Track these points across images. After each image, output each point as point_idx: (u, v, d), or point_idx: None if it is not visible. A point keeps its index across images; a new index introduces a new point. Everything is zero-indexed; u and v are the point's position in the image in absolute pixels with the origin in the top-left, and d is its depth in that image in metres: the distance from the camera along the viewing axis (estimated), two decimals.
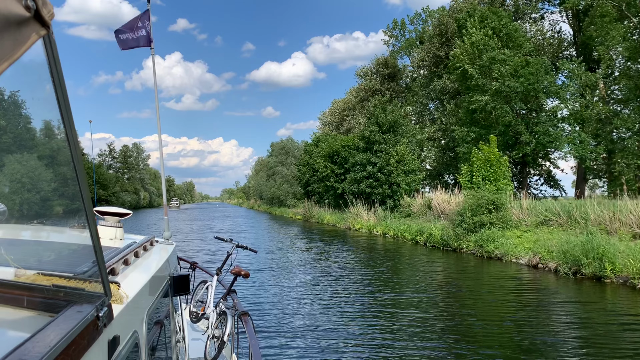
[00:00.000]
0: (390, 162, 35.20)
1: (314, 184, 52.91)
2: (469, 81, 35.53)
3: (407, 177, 35.26)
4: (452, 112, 44.41)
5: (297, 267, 18.02)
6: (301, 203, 75.52)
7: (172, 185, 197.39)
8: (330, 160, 47.09)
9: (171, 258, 3.54)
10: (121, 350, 1.71)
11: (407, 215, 33.29)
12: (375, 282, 14.52)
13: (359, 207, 36.03)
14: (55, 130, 1.40)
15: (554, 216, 19.89)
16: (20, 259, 1.76)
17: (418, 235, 24.36)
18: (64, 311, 1.33)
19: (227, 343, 5.05)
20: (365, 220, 34.43)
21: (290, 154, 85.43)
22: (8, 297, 1.42)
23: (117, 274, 2.10)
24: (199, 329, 6.31)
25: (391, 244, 25.66)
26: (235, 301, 5.39)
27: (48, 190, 2.45)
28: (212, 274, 6.46)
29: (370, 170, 35.49)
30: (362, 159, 36.20)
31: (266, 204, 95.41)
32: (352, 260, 19.84)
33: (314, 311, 10.92)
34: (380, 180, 35.45)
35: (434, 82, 47.40)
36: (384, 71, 70.21)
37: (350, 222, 36.03)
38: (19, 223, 2.57)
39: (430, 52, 48.03)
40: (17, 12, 0.86)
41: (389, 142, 35.98)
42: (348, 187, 38.43)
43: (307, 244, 26.34)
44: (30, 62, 1.01)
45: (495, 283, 14.31)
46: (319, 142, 54.73)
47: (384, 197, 35.47)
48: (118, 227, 3.17)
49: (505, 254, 17.65)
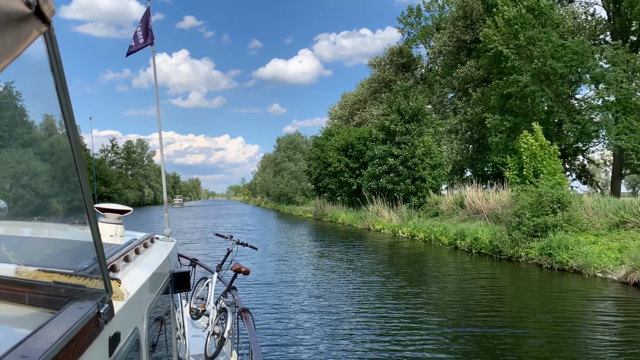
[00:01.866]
0: (415, 154, 31.42)
1: (326, 180, 49.19)
2: (503, 64, 31.66)
3: (434, 172, 31.48)
4: (478, 101, 40.55)
5: (311, 273, 14.41)
6: (310, 200, 71.90)
7: (177, 182, 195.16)
8: (344, 153, 43.36)
9: (171, 255, 3.52)
10: (122, 347, 1.71)
11: (434, 215, 29.56)
12: (407, 294, 10.85)
13: (379, 205, 32.29)
14: (56, 126, 1.41)
15: (634, 217, 16.10)
16: (21, 256, 1.75)
17: (458, 238, 20.60)
18: (65, 308, 1.34)
19: (228, 340, 4.99)
20: (387, 220, 30.69)
21: (298, 149, 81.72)
22: (9, 294, 1.43)
23: (117, 270, 2.11)
24: (199, 325, 6.25)
25: (424, 249, 21.94)
26: (235, 298, 5.33)
27: (49, 187, 2.49)
28: (212, 270, 6.35)
29: (392, 163, 31.72)
30: (382, 151, 32.43)
31: (273, 201, 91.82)
32: (378, 268, 16.21)
33: (333, 325, 9.02)
34: (402, 175, 31.69)
35: (457, 70, 43.52)
36: (399, 60, 66.45)
37: (369, 222, 32.29)
38: (19, 220, 2.61)
39: (454, 36, 44.11)
40: (18, 9, 0.87)
41: (413, 132, 32.19)
42: (365, 182, 34.68)
43: (322, 247, 22.73)
44: (31, 58, 1.01)
45: (593, 309, 10.59)
46: (331, 134, 50.98)
47: (407, 193, 31.72)
48: (118, 224, 3.20)
49: (587, 265, 13.85)
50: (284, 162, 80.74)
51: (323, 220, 45.25)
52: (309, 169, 54.25)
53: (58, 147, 1.69)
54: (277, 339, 8.27)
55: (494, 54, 32.18)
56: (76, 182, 1.28)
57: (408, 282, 13.54)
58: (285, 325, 9.10)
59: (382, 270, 15.92)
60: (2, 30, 0.81)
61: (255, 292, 12.18)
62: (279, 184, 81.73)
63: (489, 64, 33.92)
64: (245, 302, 5.22)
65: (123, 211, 3.30)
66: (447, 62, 47.77)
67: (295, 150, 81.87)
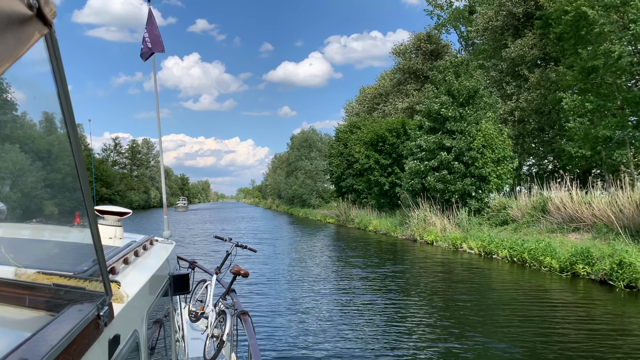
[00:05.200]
0: (474, 146, 24.61)
1: (350, 179, 42.52)
2: (587, 29, 24.80)
3: (498, 168, 24.64)
4: (536, 85, 33.74)
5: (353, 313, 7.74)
6: (327, 203, 65.15)
7: (186, 184, 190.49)
8: (374, 148, 36.62)
9: (171, 257, 3.51)
10: (122, 349, 1.70)
11: (501, 223, 22.77)
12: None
13: (426, 210, 25.47)
14: (57, 128, 1.40)
15: None
16: (21, 258, 1.72)
17: (579, 262, 13.71)
18: (65, 310, 1.33)
19: (227, 342, 4.92)
20: (440, 230, 23.91)
21: (313, 147, 74.99)
22: (9, 296, 1.42)
23: (117, 273, 2.10)
24: (198, 328, 6.11)
25: (521, 275, 15.12)
26: (234, 300, 5.29)
27: (48, 189, 2.43)
28: (211, 273, 6.16)
29: (444, 157, 24.92)
30: (431, 142, 25.64)
31: (286, 204, 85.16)
32: (469, 317, 9.51)
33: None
34: (457, 172, 24.90)
35: (508, 49, 36.74)
36: (427, 47, 59.73)
37: (415, 231, 25.48)
38: (19, 222, 2.58)
39: (504, 8, 37.27)
40: (20, 11, 0.87)
41: (469, 119, 25.40)
42: (406, 181, 27.86)
43: (361, 266, 16.10)
44: (32, 60, 1.01)
45: None
46: (356, 127, 44.27)
47: (463, 195, 24.94)
48: (118, 226, 3.18)
49: None
50: (299, 160, 74.01)
51: (348, 226, 38.49)
52: (329, 167, 47.51)
53: (58, 149, 1.66)
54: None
55: (572, 18, 25.33)
56: (76, 184, 1.27)
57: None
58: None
59: (482, 323, 9.22)
60: (3, 32, 0.82)
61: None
62: (292, 185, 75.04)
63: (564, 31, 26.95)
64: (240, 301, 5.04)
65: (122, 213, 3.25)
66: (489, 42, 40.91)
67: (311, 149, 75.12)
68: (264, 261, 18.78)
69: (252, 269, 16.09)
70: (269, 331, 8.87)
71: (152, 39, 6.36)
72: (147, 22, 6.42)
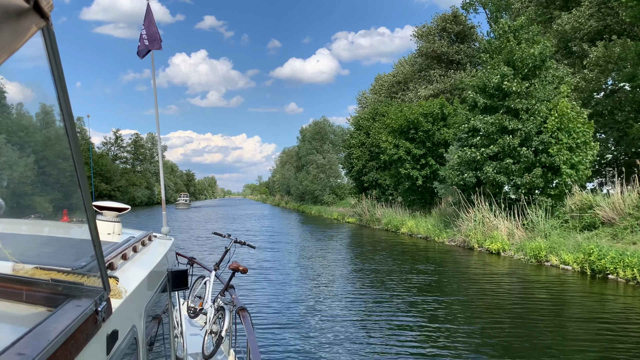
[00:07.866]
0: (545, 129, 19.33)
1: (373, 173, 37.29)
2: None
3: (575, 156, 19.34)
4: (597, 61, 28.36)
5: None
6: (342, 200, 59.92)
7: (192, 180, 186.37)
8: (404, 136, 31.36)
9: (169, 253, 3.48)
10: (120, 345, 1.68)
11: (588, 226, 17.53)
12: None
13: (485, 210, 20.18)
14: (55, 123, 1.36)
15: None
16: (19, 253, 1.66)
17: None
18: (63, 305, 1.33)
19: (225, 338, 4.93)
20: (506, 235, 18.65)
21: (326, 139, 69.68)
22: (6, 291, 1.41)
23: (115, 268, 2.07)
24: (197, 324, 6.03)
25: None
26: (233, 296, 5.25)
27: (46, 184, 2.39)
28: (210, 269, 6.06)
29: (508, 142, 19.65)
30: (489, 124, 20.39)
31: (295, 201, 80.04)
32: None
33: None
34: (524, 161, 19.63)
35: (560, 19, 31.43)
36: (453, 28, 54.38)
37: (471, 237, 20.21)
38: (17, 217, 2.54)
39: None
40: (16, 4, 0.87)
41: (537, 95, 20.11)
42: (452, 173, 22.56)
43: (411, 290, 10.96)
44: (29, 54, 1.00)
45: None
46: (380, 114, 39.02)
47: (529, 190, 19.68)
48: (116, 222, 3.13)
49: None
50: (310, 154, 68.75)
51: (372, 227, 33.29)
52: (348, 159, 42.25)
53: (56, 144, 1.59)
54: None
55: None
56: (74, 180, 1.26)
57: None
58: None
59: None
60: (0, 25, 0.81)
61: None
62: (302, 181, 69.86)
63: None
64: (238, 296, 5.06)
65: (121, 209, 3.19)
66: (534, 16, 35.47)
67: (323, 142, 69.82)
68: (283, 280, 13.66)
69: (268, 289, 11.13)
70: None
71: (149, 35, 6.39)
72: (144, 18, 6.51)
